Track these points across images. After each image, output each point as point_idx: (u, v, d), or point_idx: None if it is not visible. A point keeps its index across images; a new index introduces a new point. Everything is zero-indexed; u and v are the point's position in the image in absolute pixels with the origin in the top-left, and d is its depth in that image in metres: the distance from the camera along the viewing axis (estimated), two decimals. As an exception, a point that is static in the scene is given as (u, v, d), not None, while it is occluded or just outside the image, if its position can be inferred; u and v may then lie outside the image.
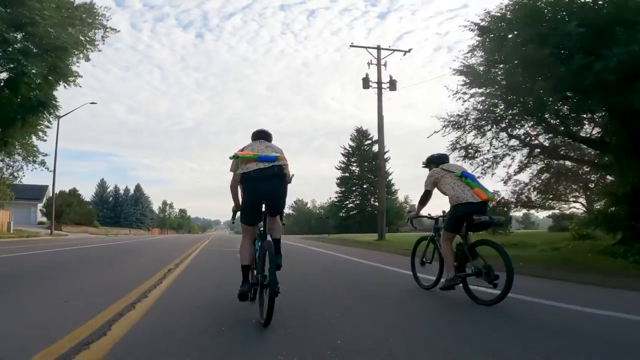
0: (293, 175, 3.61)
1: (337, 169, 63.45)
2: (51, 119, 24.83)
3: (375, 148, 62.58)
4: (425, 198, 4.62)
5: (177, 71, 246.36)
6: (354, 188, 62.49)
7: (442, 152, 4.91)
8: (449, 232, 4.29)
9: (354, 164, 63.17)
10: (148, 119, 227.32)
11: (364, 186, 61.60)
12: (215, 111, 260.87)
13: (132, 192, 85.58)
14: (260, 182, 3.27)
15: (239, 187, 3.60)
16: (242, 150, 3.52)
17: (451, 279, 4.14)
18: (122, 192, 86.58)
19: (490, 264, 3.84)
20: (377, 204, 60.73)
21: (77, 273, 6.50)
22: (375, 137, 61.91)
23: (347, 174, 62.99)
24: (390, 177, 60.85)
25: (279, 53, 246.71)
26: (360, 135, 63.36)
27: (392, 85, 21.58)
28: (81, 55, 23.06)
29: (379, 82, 21.48)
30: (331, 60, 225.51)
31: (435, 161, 4.67)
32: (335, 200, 63.01)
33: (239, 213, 3.70)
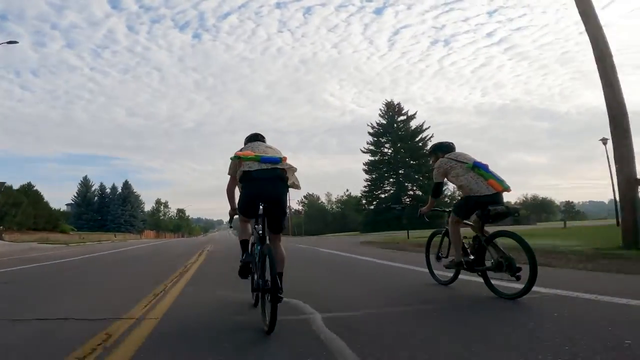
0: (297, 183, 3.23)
1: (364, 151, 51.82)
2: None
3: (413, 124, 50.81)
4: (436, 190, 4.38)
5: (175, 72, 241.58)
6: (387, 174, 50.81)
7: (447, 141, 4.47)
8: (458, 216, 4.06)
9: (386, 145, 51.46)
10: (148, 121, 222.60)
11: (400, 171, 49.88)
12: (216, 111, 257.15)
13: (120, 190, 73.86)
14: (262, 183, 3.08)
15: (237, 188, 3.51)
16: (241, 150, 3.36)
17: (457, 263, 4.01)
18: (108, 190, 74.94)
19: (512, 256, 3.53)
20: (420, 193, 49.01)
21: None
22: (412, 112, 50.02)
23: (377, 158, 51.29)
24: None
25: (277, 51, 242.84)
26: (391, 110, 51.61)
27: None
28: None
29: None
30: (329, 57, 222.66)
31: (439, 150, 4.36)
32: (365, 190, 51.17)
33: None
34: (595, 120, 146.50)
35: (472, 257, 3.92)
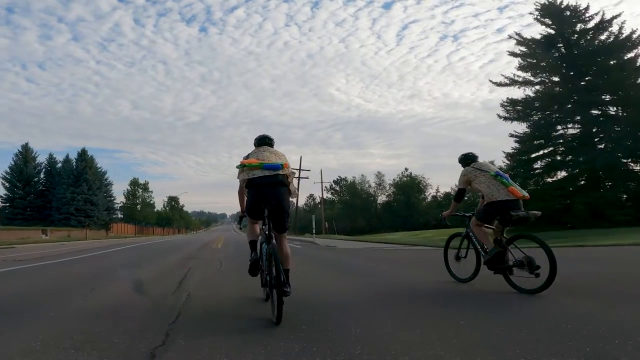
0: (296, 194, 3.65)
1: (503, 83, 27.14)
2: None
3: (606, 36, 25.92)
4: (459, 196, 4.83)
5: (181, 66, 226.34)
6: (557, 124, 26.11)
7: (471, 152, 4.99)
8: (479, 220, 4.52)
9: (555, 73, 26.63)
10: (153, 114, 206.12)
11: (579, 116, 25.22)
12: (220, 105, 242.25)
13: (74, 164, 49.51)
14: (264, 188, 3.37)
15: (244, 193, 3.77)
16: (247, 158, 3.61)
17: (492, 249, 4.25)
18: (60, 165, 50.75)
19: (531, 256, 3.90)
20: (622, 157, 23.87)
21: None
22: (608, 15, 24.32)
23: (533, 92, 26.58)
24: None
25: (283, 45, 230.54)
26: (558, 14, 26.51)
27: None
28: None
29: None
30: (336, 51, 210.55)
31: (469, 160, 4.81)
32: (514, 153, 26.39)
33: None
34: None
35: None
